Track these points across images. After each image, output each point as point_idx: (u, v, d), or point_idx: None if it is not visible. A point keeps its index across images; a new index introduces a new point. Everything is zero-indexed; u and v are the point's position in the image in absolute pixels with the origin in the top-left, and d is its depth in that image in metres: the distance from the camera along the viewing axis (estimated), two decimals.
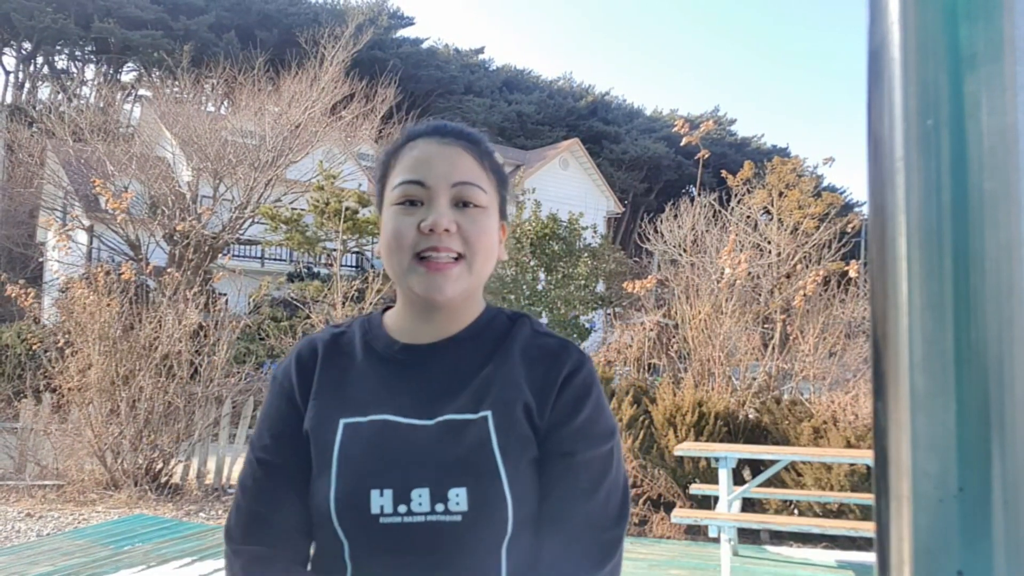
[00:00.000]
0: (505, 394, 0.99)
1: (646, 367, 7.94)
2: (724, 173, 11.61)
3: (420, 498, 0.93)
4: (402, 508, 0.93)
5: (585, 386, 1.00)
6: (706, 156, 10.14)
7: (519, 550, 0.95)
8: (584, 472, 0.98)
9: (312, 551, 1.02)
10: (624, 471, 1.03)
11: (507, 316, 1.09)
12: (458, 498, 0.93)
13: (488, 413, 0.97)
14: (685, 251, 9.75)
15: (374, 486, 0.94)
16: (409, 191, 1.01)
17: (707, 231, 9.54)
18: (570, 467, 0.97)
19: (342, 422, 0.99)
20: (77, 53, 37.29)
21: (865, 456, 4.57)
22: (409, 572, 0.94)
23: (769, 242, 9.69)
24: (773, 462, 5.04)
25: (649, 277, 9.05)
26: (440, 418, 0.98)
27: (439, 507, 0.93)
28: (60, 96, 28.12)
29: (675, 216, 10.69)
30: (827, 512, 5.46)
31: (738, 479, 5.41)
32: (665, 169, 40.56)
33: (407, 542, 0.93)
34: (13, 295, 8.33)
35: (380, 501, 0.94)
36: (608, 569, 0.96)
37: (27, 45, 35.56)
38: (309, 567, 1.02)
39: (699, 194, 10.58)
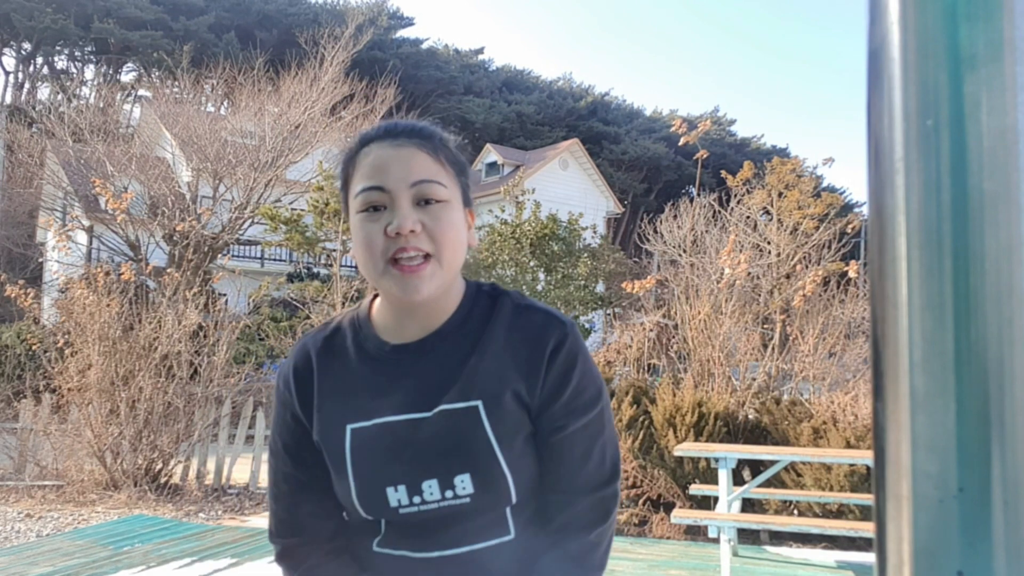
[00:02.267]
0: (493, 383, 1.06)
1: (646, 367, 7.93)
2: (724, 173, 11.61)
3: (431, 488, 1.05)
4: (416, 499, 1.05)
5: (570, 358, 1.08)
6: (705, 156, 10.14)
7: (523, 509, 1.09)
8: (578, 441, 1.08)
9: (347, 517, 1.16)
10: (612, 425, 1.14)
11: (487, 295, 1.14)
12: (463, 483, 1.05)
13: (479, 403, 1.05)
14: (685, 251, 9.75)
15: (388, 484, 1.06)
16: (371, 197, 1.04)
17: (707, 231, 9.54)
18: (564, 440, 1.08)
19: (349, 428, 1.08)
20: (77, 53, 37.32)
21: (865, 456, 4.57)
22: (430, 536, 1.08)
23: (769, 242, 9.70)
24: (773, 462, 5.04)
25: (649, 277, 9.05)
26: (437, 408, 1.06)
27: (448, 493, 1.05)
28: (60, 96, 28.06)
29: (675, 216, 10.69)
30: (827, 512, 5.46)
31: (738, 479, 5.41)
32: (665, 169, 40.57)
33: (425, 523, 1.07)
34: (13, 295, 8.32)
35: (396, 496, 1.06)
36: (609, 522, 1.10)
37: (27, 45, 35.58)
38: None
39: (699, 194, 10.57)
